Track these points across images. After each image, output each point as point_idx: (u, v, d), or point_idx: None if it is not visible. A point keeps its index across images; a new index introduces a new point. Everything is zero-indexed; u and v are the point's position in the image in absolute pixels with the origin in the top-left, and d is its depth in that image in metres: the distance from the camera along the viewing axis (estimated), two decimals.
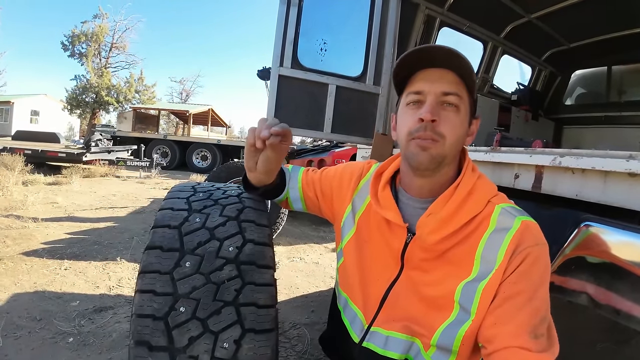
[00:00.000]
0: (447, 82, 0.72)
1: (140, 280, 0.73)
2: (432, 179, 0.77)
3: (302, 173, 1.02)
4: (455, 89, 0.71)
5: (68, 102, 21.28)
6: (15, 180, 5.67)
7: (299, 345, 1.96)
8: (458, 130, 0.72)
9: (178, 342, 0.68)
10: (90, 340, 1.82)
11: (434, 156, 0.72)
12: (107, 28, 22.81)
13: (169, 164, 11.85)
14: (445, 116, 0.71)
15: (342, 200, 0.93)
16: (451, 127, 0.71)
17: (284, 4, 1.88)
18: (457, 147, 0.74)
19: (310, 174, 1.02)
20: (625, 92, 3.52)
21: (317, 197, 0.99)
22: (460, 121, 0.73)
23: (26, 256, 2.87)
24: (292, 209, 1.05)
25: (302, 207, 1.03)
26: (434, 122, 0.71)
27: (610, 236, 0.90)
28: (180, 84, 38.29)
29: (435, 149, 0.71)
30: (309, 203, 1.01)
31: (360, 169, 0.95)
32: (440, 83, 0.72)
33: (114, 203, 5.42)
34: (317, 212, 1.03)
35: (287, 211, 3.86)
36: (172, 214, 0.84)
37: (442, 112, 0.72)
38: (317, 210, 1.02)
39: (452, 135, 0.71)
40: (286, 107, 1.96)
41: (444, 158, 0.73)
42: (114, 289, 2.45)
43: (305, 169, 1.04)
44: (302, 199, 1.01)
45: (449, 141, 0.72)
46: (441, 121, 0.71)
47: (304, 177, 1.01)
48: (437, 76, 0.72)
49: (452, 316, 0.72)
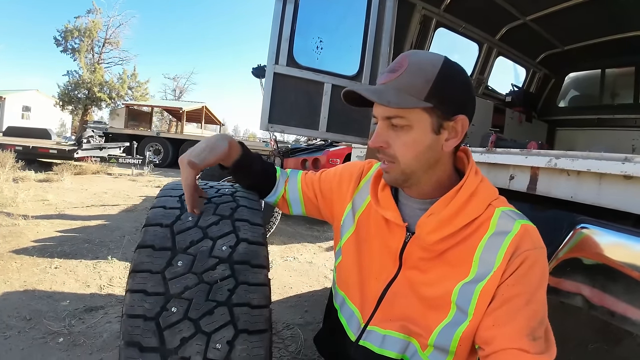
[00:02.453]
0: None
1: (131, 280, 0.72)
2: (416, 186, 0.78)
3: (301, 175, 1.03)
4: (395, 112, 0.69)
5: (60, 98, 21.09)
6: (6, 177, 5.58)
7: (293, 346, 1.95)
8: (411, 148, 0.71)
9: (170, 343, 0.66)
10: (80, 340, 1.80)
11: (394, 177, 0.75)
12: (101, 23, 22.65)
13: (161, 161, 11.75)
14: (396, 137, 0.72)
15: (342, 200, 0.93)
16: (402, 147, 0.71)
17: (280, 2, 1.86)
18: (418, 162, 0.72)
19: (309, 175, 1.02)
20: (619, 95, 3.56)
21: (316, 197, 0.99)
22: (413, 139, 0.71)
23: (16, 254, 2.82)
24: (290, 213, 1.04)
25: (300, 209, 1.02)
26: (383, 147, 0.73)
27: (605, 238, 0.91)
28: (174, 81, 38.11)
29: (393, 171, 0.74)
30: (308, 204, 1.01)
31: (360, 169, 0.96)
32: (383, 107, 0.71)
33: (106, 201, 5.36)
34: (315, 214, 1.02)
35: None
36: (164, 213, 0.82)
37: (392, 133, 0.72)
38: (316, 211, 1.01)
39: (404, 155, 0.71)
40: (281, 105, 1.94)
41: (407, 176, 0.74)
42: (104, 288, 2.42)
43: (304, 172, 1.04)
44: (302, 201, 1.00)
45: (404, 161, 0.72)
46: (391, 144, 0.72)
47: (303, 178, 1.02)
48: None
49: (449, 317, 0.71)
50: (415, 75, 0.69)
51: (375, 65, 2.01)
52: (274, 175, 1.01)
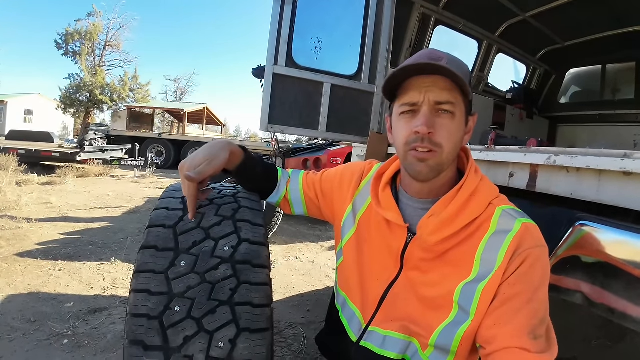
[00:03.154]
0: (439, 89, 0.69)
1: (135, 280, 0.73)
2: (432, 183, 0.77)
3: (302, 175, 1.03)
4: (448, 96, 0.69)
5: (62, 101, 21.12)
6: (9, 181, 5.61)
7: (295, 345, 1.96)
8: (455, 136, 0.72)
9: (173, 342, 0.68)
10: (85, 341, 1.81)
11: (432, 167, 0.72)
12: (101, 26, 22.66)
13: (163, 163, 11.79)
14: (441, 124, 0.70)
15: (343, 200, 0.94)
16: (448, 135, 0.70)
17: (279, 3, 1.87)
18: (455, 152, 0.74)
19: (310, 176, 1.03)
20: (620, 91, 3.55)
21: (317, 197, 1.00)
22: (457, 127, 0.71)
23: (20, 257, 2.84)
24: (292, 213, 1.05)
25: (302, 209, 1.03)
26: (430, 134, 0.70)
27: (605, 235, 0.90)
28: (175, 82, 38.16)
29: (434, 159, 0.71)
30: (310, 204, 1.01)
31: (361, 169, 0.96)
32: (433, 92, 0.69)
33: (109, 203, 5.39)
34: (317, 214, 1.03)
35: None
36: (167, 214, 0.83)
37: (437, 120, 0.70)
38: (318, 211, 1.02)
39: (449, 143, 0.71)
40: (281, 106, 1.95)
41: (443, 166, 0.73)
42: (108, 289, 2.44)
43: (305, 172, 1.05)
44: (303, 201, 1.01)
45: (447, 150, 0.71)
46: (437, 131, 0.70)
47: (304, 179, 1.02)
48: (430, 84, 0.70)
49: (451, 316, 0.72)
50: (459, 65, 0.71)
51: (374, 64, 2.02)
52: (275, 177, 1.01)
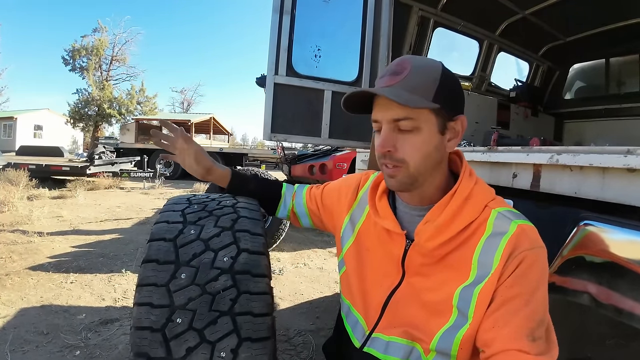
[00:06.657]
0: (396, 106, 0.68)
1: (138, 294, 0.74)
2: (419, 191, 0.77)
3: (306, 189, 1.09)
4: (406, 112, 0.68)
5: (71, 115, 21.47)
6: (20, 195, 5.72)
7: (304, 352, 1.95)
8: (421, 150, 0.71)
9: (176, 353, 0.68)
10: (96, 352, 1.83)
11: (402, 182, 0.73)
12: (107, 41, 23.07)
13: (172, 173, 11.88)
14: (403, 140, 0.70)
15: (340, 212, 0.96)
16: (412, 150, 0.70)
17: (277, 13, 1.89)
18: (426, 164, 0.72)
19: (313, 190, 1.08)
20: (625, 84, 3.50)
21: (319, 210, 1.04)
22: (422, 140, 0.70)
23: (32, 271, 2.89)
24: (301, 226, 1.12)
25: (309, 222, 1.08)
26: (391, 152, 0.71)
27: (610, 234, 0.89)
28: (182, 94, 38.69)
29: (400, 175, 0.72)
30: (314, 217, 1.07)
31: (357, 181, 0.98)
32: (390, 110, 0.69)
33: (119, 215, 5.46)
34: (321, 227, 1.08)
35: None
36: (167, 227, 0.84)
37: (399, 136, 0.70)
38: (321, 223, 1.06)
39: (414, 157, 0.71)
40: (283, 114, 1.97)
41: (415, 179, 0.73)
42: (119, 301, 2.47)
43: (309, 187, 1.11)
44: (308, 214, 1.07)
45: (413, 164, 0.71)
46: (399, 147, 0.70)
47: (307, 193, 1.08)
48: (387, 102, 0.70)
49: (451, 321, 0.71)
50: (422, 76, 0.69)
51: (374, 70, 2.03)
52: (277, 192, 1.09)
